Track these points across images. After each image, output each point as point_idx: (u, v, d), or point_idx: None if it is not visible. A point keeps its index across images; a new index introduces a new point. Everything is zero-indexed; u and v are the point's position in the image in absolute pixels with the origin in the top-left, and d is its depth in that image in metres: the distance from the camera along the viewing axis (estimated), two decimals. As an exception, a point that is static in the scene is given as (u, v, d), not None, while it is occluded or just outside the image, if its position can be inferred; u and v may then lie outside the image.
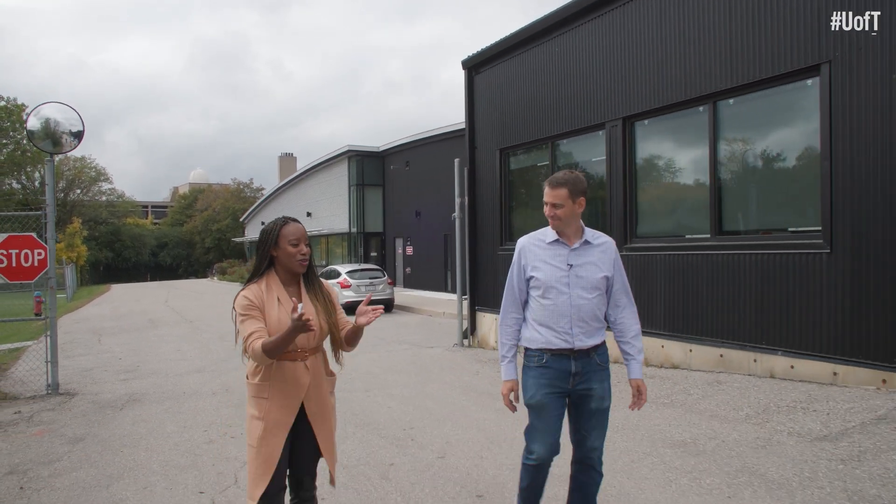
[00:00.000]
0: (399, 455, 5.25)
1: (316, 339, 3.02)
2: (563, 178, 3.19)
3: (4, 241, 8.30)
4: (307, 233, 3.05)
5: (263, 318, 2.87)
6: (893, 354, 5.55)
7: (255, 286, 2.96)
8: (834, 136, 5.94)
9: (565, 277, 3.15)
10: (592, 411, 3.18)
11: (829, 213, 5.97)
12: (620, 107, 8.34)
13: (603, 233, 3.32)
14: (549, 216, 3.21)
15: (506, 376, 3.28)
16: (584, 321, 3.14)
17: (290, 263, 2.97)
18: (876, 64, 5.65)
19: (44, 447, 5.89)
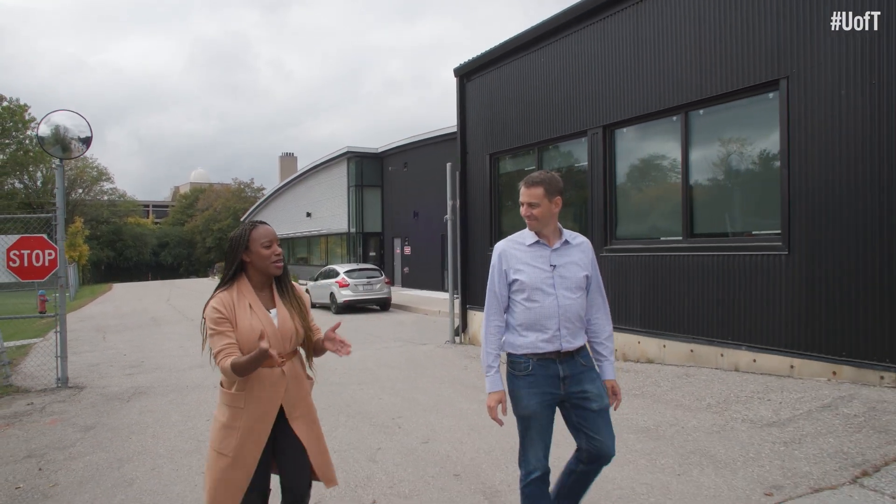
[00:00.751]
0: (386, 441, 5.70)
1: (291, 344, 2.99)
2: (538, 178, 3.16)
3: (17, 242, 8.76)
4: (278, 235, 3.10)
5: (234, 329, 2.83)
6: (842, 349, 6.01)
7: (225, 294, 2.91)
8: (791, 145, 6.40)
9: (550, 278, 3.12)
10: (596, 412, 3.13)
11: (787, 217, 6.43)
12: (601, 115, 8.80)
13: (579, 233, 3.32)
14: (526, 216, 3.17)
15: (492, 388, 3.17)
16: (570, 322, 3.11)
17: (266, 266, 2.95)
18: (828, 79, 6.11)
19: (57, 434, 6.34)
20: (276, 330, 2.91)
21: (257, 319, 2.86)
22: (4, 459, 5.54)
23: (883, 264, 5.72)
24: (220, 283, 2.97)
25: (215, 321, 2.82)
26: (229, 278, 2.95)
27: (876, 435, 4.74)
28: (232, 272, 2.94)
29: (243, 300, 2.90)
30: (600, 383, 3.20)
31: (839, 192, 6.05)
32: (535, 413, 3.10)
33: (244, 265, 2.96)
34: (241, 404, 2.86)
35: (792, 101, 6.37)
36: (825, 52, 6.12)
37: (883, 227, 5.71)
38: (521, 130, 10.51)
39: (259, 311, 2.89)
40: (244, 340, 2.82)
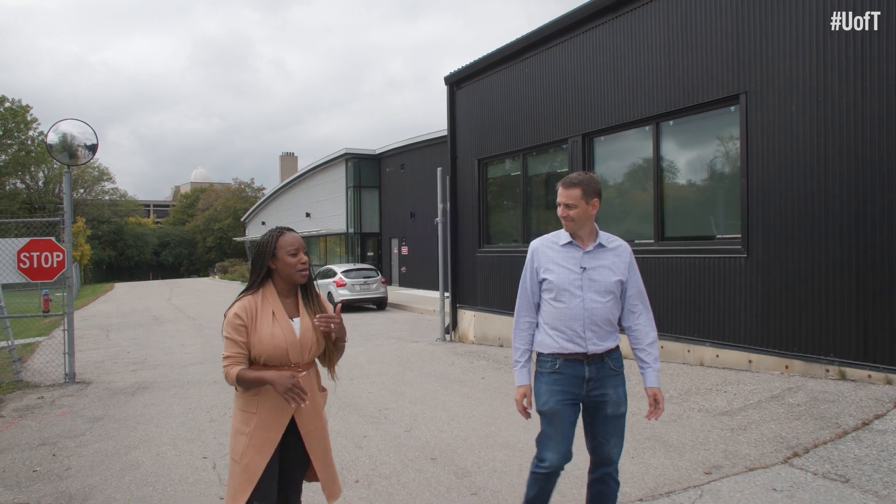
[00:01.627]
0: (372, 429, 6.19)
1: (310, 355, 2.96)
2: (576, 179, 3.14)
3: (27, 244, 9.26)
4: (302, 239, 3.01)
5: (250, 337, 2.85)
6: (794, 344, 6.49)
7: (250, 298, 2.92)
8: (749, 156, 6.88)
9: (578, 280, 3.11)
10: (608, 417, 3.12)
11: (746, 223, 6.91)
12: (580, 124, 9.28)
13: (618, 237, 3.29)
14: (563, 217, 3.15)
15: (519, 381, 3.21)
16: (597, 325, 3.10)
17: (291, 274, 2.95)
18: (780, 96, 6.59)
19: (68, 425, 6.83)
20: (297, 340, 2.89)
21: (279, 328, 2.86)
22: (21, 447, 6.02)
23: (829, 268, 6.20)
24: (248, 287, 2.98)
25: (234, 327, 2.84)
26: (257, 284, 2.95)
27: (812, 421, 5.22)
28: (259, 279, 2.94)
29: (267, 307, 2.90)
30: (622, 390, 3.16)
31: (791, 200, 6.54)
32: (553, 411, 3.11)
33: (270, 272, 2.96)
34: (253, 409, 2.85)
35: (750, 114, 6.86)
36: (777, 71, 6.61)
37: (828, 234, 6.19)
38: (508, 137, 10.99)
39: (282, 320, 2.89)
40: (263, 348, 2.83)
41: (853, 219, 6.02)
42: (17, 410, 7.58)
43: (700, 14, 7.45)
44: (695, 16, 7.52)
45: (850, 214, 6.04)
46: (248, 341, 2.83)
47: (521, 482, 4.52)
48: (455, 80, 12.35)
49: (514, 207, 11.09)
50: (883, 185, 5.78)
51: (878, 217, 5.83)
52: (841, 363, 6.08)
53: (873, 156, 5.86)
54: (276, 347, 2.82)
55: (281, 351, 2.83)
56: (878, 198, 5.82)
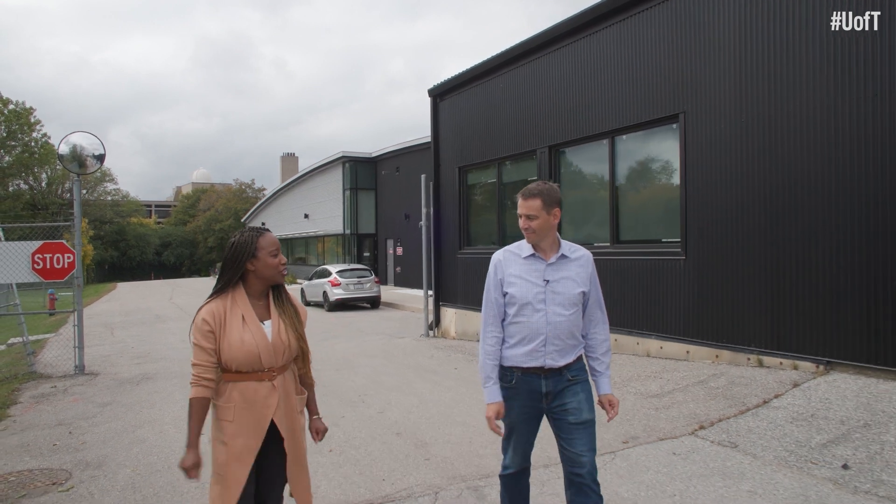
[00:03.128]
0: (350, 411, 7.03)
1: (284, 358, 2.88)
2: (536, 189, 3.08)
3: (40, 247, 10.09)
4: (278, 236, 3.45)
5: (219, 343, 2.77)
6: (722, 336, 7.33)
7: (218, 302, 2.84)
8: (687, 169, 7.72)
9: (541, 294, 3.04)
10: (572, 425, 3.04)
11: (684, 228, 7.75)
12: (547, 137, 10.12)
13: (580, 246, 3.26)
14: (524, 228, 3.09)
15: (490, 398, 3.08)
16: (560, 339, 3.04)
17: (272, 275, 2.89)
18: (712, 115, 7.43)
19: (80, 409, 7.67)
20: (269, 344, 2.82)
21: (249, 333, 2.79)
22: (40, 426, 6.86)
23: (748, 269, 7.03)
24: (219, 289, 2.88)
25: (202, 333, 2.77)
26: (228, 287, 2.87)
27: (724, 401, 6.06)
28: (235, 280, 2.87)
29: (236, 311, 2.83)
30: (583, 397, 3.09)
31: (719, 209, 7.37)
32: (514, 423, 3.12)
33: (244, 274, 2.88)
34: (229, 417, 2.78)
35: (687, 132, 7.70)
36: (709, 95, 7.46)
37: (747, 239, 7.02)
38: (485, 147, 11.84)
39: (252, 324, 2.82)
40: (234, 354, 2.76)
41: (767, 226, 6.85)
42: (34, 397, 8.42)
43: (646, 42, 8.29)
44: (642, 43, 8.35)
45: (764, 222, 6.88)
46: (216, 347, 2.76)
47: (469, 451, 5.39)
48: (438, 92, 13.19)
49: (491, 212, 11.93)
50: (792, 195, 6.60)
51: (787, 224, 6.65)
52: (759, 352, 6.92)
53: (783, 171, 6.69)
54: (247, 354, 2.76)
55: (253, 357, 2.78)
56: (788, 206, 6.64)
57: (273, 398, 2.82)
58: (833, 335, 6.25)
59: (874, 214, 5.93)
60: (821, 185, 6.36)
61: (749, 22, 7.01)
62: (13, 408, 7.78)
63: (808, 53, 6.45)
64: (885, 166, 5.84)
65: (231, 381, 2.80)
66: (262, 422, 2.80)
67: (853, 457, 4.57)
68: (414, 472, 4.94)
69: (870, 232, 5.97)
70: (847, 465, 4.45)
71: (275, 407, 2.82)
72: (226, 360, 2.77)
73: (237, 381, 2.79)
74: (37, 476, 5.19)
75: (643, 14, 8.32)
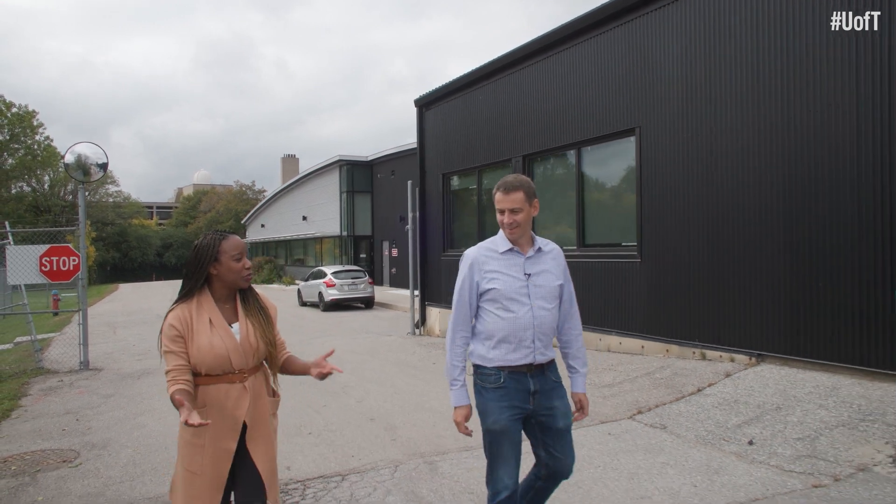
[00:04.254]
0: (332, 401, 7.71)
1: (254, 359, 2.89)
2: (516, 182, 3.00)
3: (47, 250, 10.79)
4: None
5: (187, 347, 2.76)
6: (673, 332, 8.01)
7: (184, 307, 2.82)
8: (642, 179, 8.40)
9: (524, 288, 2.98)
10: (561, 430, 3.02)
11: (640, 233, 8.44)
12: (521, 146, 10.81)
13: (548, 239, 3.21)
14: (509, 224, 2.99)
15: (458, 402, 3.03)
16: (545, 334, 3.00)
17: (235, 280, 2.87)
18: (662, 130, 8.11)
19: (86, 400, 8.36)
20: (237, 345, 2.82)
21: (217, 336, 2.78)
22: (49, 415, 7.55)
23: (693, 271, 7.71)
24: (181, 295, 2.86)
25: (171, 339, 2.76)
26: (194, 291, 2.86)
27: (665, 390, 6.74)
28: (199, 284, 2.85)
29: (203, 315, 2.81)
30: (566, 400, 3.09)
31: (668, 215, 8.06)
32: (506, 428, 2.94)
33: (209, 277, 2.86)
34: (203, 420, 2.70)
35: (642, 145, 8.38)
36: (659, 111, 8.15)
37: (691, 243, 7.70)
38: (466, 154, 12.53)
39: (220, 327, 2.81)
40: (203, 358, 2.75)
41: (708, 233, 7.54)
42: (42, 390, 9.11)
43: (607, 61, 8.98)
44: (604, 62, 9.04)
45: (705, 230, 7.56)
46: (186, 350, 2.76)
47: (431, 433, 6.07)
48: (423, 102, 13.89)
49: (472, 216, 12.61)
50: (729, 207, 7.28)
51: (724, 232, 7.32)
52: (703, 347, 7.60)
53: (721, 179, 7.37)
54: (216, 357, 2.76)
55: (222, 359, 2.78)
56: (725, 217, 7.31)
57: (244, 399, 2.82)
58: (764, 331, 6.94)
59: (796, 227, 6.61)
60: (753, 200, 7.04)
61: (691, 48, 7.70)
62: (24, 399, 8.46)
63: (737, 79, 7.13)
64: (801, 180, 6.52)
65: (202, 385, 2.79)
66: (235, 423, 2.81)
67: (759, 434, 5.25)
68: (380, 451, 5.62)
69: (793, 240, 6.65)
70: (752, 442, 5.13)
71: (246, 408, 2.82)
72: (195, 364, 2.76)
73: (208, 384, 2.79)
74: (49, 455, 5.88)
75: (604, 35, 9.01)
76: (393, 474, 4.97)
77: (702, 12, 7.59)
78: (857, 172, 6.10)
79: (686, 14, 7.78)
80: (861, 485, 4.20)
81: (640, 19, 8.40)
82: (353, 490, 4.65)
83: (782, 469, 4.58)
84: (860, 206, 6.06)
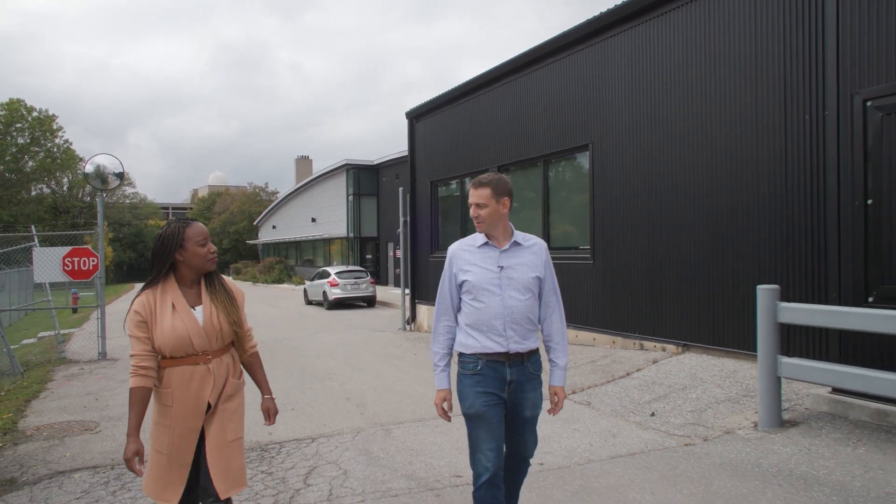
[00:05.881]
0: (317, 385, 8.80)
1: (218, 341, 2.98)
2: (486, 179, 3.18)
3: (70, 252, 11.98)
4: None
5: (151, 332, 2.87)
6: (618, 326, 9.04)
7: (149, 293, 2.93)
8: (594, 188, 9.44)
9: (496, 279, 3.12)
10: (527, 419, 3.18)
11: (592, 238, 9.47)
12: (497, 157, 11.88)
13: (534, 235, 3.32)
14: (474, 217, 3.18)
15: (438, 385, 3.20)
16: (518, 323, 3.10)
17: (202, 264, 2.98)
18: (611, 144, 9.14)
19: (104, 384, 9.51)
20: (199, 328, 2.92)
21: (180, 319, 2.89)
22: (73, 396, 8.70)
23: (634, 271, 8.73)
24: (149, 282, 2.98)
25: (135, 324, 2.89)
26: (158, 277, 2.96)
27: (600, 374, 7.77)
28: (162, 273, 2.96)
29: (167, 300, 2.92)
30: (540, 392, 3.22)
31: (615, 221, 9.09)
32: (482, 412, 3.08)
33: (175, 264, 2.97)
34: (168, 402, 2.89)
35: (594, 158, 9.42)
36: (609, 128, 9.18)
37: (633, 246, 8.72)
38: (451, 164, 13.61)
39: (182, 311, 2.91)
40: (165, 341, 2.86)
41: (646, 239, 8.56)
42: (66, 376, 10.28)
43: (567, 81, 10.02)
44: (564, 82, 10.09)
45: (644, 236, 8.59)
46: (150, 336, 2.87)
47: (395, 409, 7.14)
48: (414, 114, 14.99)
49: (456, 220, 13.69)
50: (661, 217, 8.29)
51: (659, 238, 8.34)
52: (641, 338, 8.63)
53: (659, 189, 8.38)
54: (178, 338, 2.87)
55: (184, 341, 2.88)
56: (659, 226, 8.33)
57: (208, 381, 2.92)
58: (689, 324, 7.95)
59: (713, 239, 7.62)
60: (680, 213, 8.06)
61: (635, 73, 8.73)
62: (50, 383, 9.63)
63: (675, 103, 8.15)
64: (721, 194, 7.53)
65: (168, 367, 2.90)
66: (199, 404, 2.91)
67: (662, 408, 6.28)
68: (348, 421, 6.70)
69: (715, 249, 7.65)
70: (654, 413, 6.16)
71: (210, 389, 2.92)
72: (159, 346, 2.87)
73: (174, 366, 2.90)
74: (73, 425, 7.02)
75: (563, 60, 10.06)
76: (354, 438, 6.04)
77: (644, 44, 8.62)
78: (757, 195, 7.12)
79: (632, 44, 8.82)
80: (721, 443, 5.22)
81: (593, 47, 9.44)
82: (319, 448, 5.73)
83: (668, 433, 5.61)
84: (759, 221, 7.06)
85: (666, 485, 4.42)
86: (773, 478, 4.42)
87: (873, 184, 5.18)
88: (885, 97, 5.11)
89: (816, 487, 4.21)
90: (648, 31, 8.52)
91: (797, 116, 6.66)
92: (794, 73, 6.69)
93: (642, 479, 4.54)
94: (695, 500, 4.14)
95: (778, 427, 5.37)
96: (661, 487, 4.38)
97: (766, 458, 4.80)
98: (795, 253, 6.73)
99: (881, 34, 5.21)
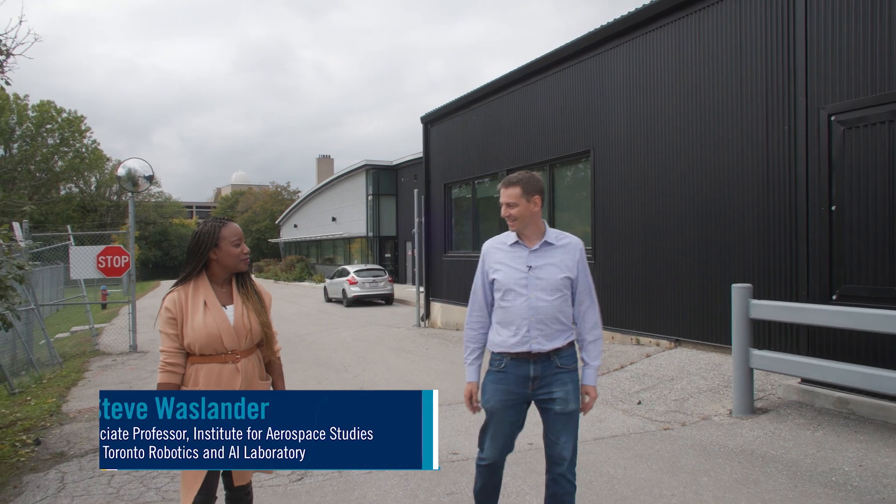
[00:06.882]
0: (333, 376, 9.42)
1: (247, 341, 3.01)
2: (515, 178, 3.17)
3: (104, 250, 12.73)
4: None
5: (182, 329, 2.90)
6: (618, 322, 9.53)
7: (180, 290, 2.97)
8: (595, 191, 9.95)
9: (524, 279, 3.11)
10: (557, 415, 3.11)
11: (594, 239, 9.98)
12: (505, 161, 12.42)
13: (569, 234, 3.29)
14: (505, 216, 3.17)
15: (468, 378, 3.26)
16: (543, 324, 3.08)
17: (234, 264, 3.02)
18: (610, 151, 9.64)
19: (135, 374, 10.21)
20: (230, 327, 2.95)
21: (211, 317, 2.92)
22: (107, 384, 9.40)
23: (632, 270, 9.23)
24: (183, 278, 3.02)
25: (165, 321, 2.92)
26: (191, 275, 3.00)
27: (596, 367, 8.28)
28: (198, 269, 3.00)
29: (199, 297, 2.96)
30: (571, 387, 3.13)
31: (614, 223, 9.59)
32: (494, 410, 3.14)
33: (207, 262, 3.01)
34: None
35: (596, 163, 9.93)
36: (608, 136, 9.68)
37: (632, 249, 9.21)
38: (463, 167, 14.18)
39: (213, 308, 2.95)
40: (196, 336, 2.89)
41: (644, 241, 9.05)
42: (101, 367, 11.01)
43: (569, 90, 10.54)
44: (567, 91, 10.60)
45: (641, 237, 9.07)
46: (179, 333, 2.90)
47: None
48: (429, 119, 15.57)
49: (469, 221, 14.25)
50: (657, 218, 8.78)
51: (655, 240, 8.83)
52: (638, 334, 9.13)
53: (654, 194, 8.87)
54: (208, 336, 2.90)
55: (214, 339, 2.91)
56: (655, 228, 8.82)
57: (236, 380, 2.92)
58: (682, 321, 8.44)
59: (704, 241, 8.10)
60: (673, 217, 8.54)
61: (631, 84, 9.22)
62: (86, 373, 10.36)
63: (669, 114, 8.64)
64: (711, 199, 8.01)
65: (196, 364, 2.92)
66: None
67: (648, 397, 6.79)
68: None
69: (705, 251, 8.14)
70: (640, 402, 6.68)
71: (238, 387, 2.91)
72: (189, 343, 2.89)
73: (202, 363, 2.91)
74: (111, 409, 7.70)
75: (567, 70, 10.57)
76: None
77: (639, 58, 9.12)
78: (742, 201, 7.59)
79: (629, 57, 9.31)
80: (696, 428, 5.73)
81: (593, 59, 9.95)
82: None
83: (650, 419, 6.13)
84: (744, 225, 7.54)
85: (638, 461, 4.95)
86: (735, 456, 4.93)
87: (837, 192, 5.66)
88: (847, 112, 5.58)
89: (771, 464, 4.72)
90: (643, 46, 9.02)
91: (777, 128, 7.13)
92: (774, 88, 7.16)
93: (618, 457, 5.07)
94: (661, 474, 4.67)
95: (750, 413, 5.87)
96: (634, 463, 4.91)
97: (732, 440, 5.31)
98: (774, 256, 7.20)
99: (843, 55, 5.68)
